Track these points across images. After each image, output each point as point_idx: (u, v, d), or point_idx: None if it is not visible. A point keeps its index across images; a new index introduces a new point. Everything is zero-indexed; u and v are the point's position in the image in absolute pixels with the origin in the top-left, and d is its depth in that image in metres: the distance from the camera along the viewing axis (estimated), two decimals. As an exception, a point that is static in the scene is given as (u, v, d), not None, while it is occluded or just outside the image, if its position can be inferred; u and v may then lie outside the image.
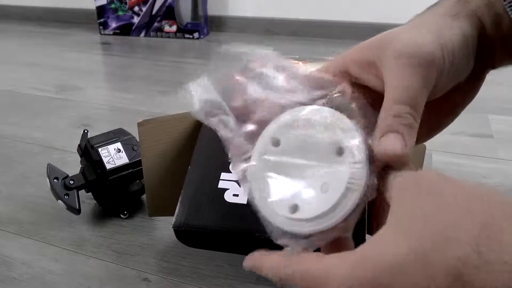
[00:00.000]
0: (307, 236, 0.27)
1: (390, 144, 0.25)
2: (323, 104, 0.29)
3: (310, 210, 0.26)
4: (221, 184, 0.48)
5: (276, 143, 0.29)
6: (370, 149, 0.27)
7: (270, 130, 0.29)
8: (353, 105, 0.28)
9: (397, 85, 0.27)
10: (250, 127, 0.30)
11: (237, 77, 0.32)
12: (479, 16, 0.31)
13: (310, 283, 0.25)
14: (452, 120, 0.36)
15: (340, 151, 0.26)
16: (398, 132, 0.26)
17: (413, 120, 0.26)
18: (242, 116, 0.30)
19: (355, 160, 0.26)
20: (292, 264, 0.26)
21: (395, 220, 0.23)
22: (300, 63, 0.31)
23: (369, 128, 0.27)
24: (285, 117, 0.29)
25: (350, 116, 0.27)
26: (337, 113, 0.28)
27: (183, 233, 0.48)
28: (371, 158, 0.26)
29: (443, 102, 0.33)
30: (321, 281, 0.24)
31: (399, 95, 0.27)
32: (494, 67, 0.34)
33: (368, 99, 0.30)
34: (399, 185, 0.25)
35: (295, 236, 0.27)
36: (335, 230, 0.26)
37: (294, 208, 0.27)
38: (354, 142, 0.26)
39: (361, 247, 0.23)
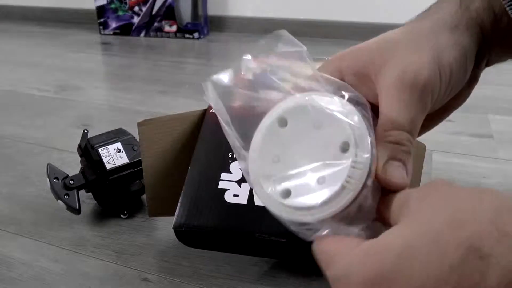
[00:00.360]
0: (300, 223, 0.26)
1: (394, 175, 0.26)
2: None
3: (301, 199, 0.26)
4: (221, 185, 0.48)
5: (283, 123, 0.28)
6: (374, 151, 0.26)
7: (279, 109, 0.28)
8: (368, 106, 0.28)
9: (395, 110, 0.27)
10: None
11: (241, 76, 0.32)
12: (479, 23, 0.31)
13: (323, 262, 0.25)
14: (443, 119, 0.36)
15: (344, 147, 0.26)
16: (401, 160, 0.26)
17: (411, 146, 0.27)
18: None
19: (357, 160, 0.25)
20: (318, 241, 0.26)
21: (404, 221, 0.23)
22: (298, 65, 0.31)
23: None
24: (296, 99, 0.28)
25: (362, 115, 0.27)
26: (351, 107, 0.27)
27: (184, 234, 0.48)
28: (373, 159, 0.26)
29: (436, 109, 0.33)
30: (328, 261, 0.24)
31: (398, 120, 0.27)
32: (489, 65, 0.34)
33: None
34: (405, 198, 0.25)
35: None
36: (322, 225, 0.26)
37: (286, 193, 0.26)
38: (361, 141, 0.26)
39: (370, 240, 0.23)
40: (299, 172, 0.26)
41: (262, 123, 0.29)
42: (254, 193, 0.29)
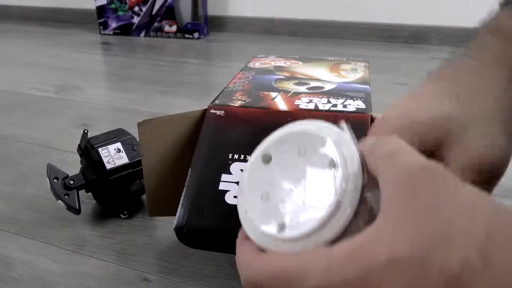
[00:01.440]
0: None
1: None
2: None
3: (297, 227, 0.24)
4: (222, 186, 0.48)
5: (267, 159, 0.27)
6: (363, 161, 0.25)
7: (261, 145, 0.28)
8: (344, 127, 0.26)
9: None
10: None
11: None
12: None
13: (281, 283, 0.23)
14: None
15: (332, 164, 0.24)
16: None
17: None
18: None
19: (348, 172, 0.24)
20: (264, 261, 0.24)
21: (392, 211, 0.21)
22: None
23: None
24: (277, 132, 0.27)
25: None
26: (331, 125, 0.26)
27: (185, 235, 0.48)
28: (365, 169, 0.24)
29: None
30: (294, 279, 0.22)
31: None
32: None
33: None
34: (396, 168, 0.22)
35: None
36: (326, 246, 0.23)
37: (281, 227, 0.25)
38: (349, 155, 0.24)
39: (348, 240, 0.22)
40: (291, 203, 0.25)
41: (247, 163, 0.28)
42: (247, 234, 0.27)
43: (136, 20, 1.88)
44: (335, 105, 0.51)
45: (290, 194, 0.25)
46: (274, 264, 0.24)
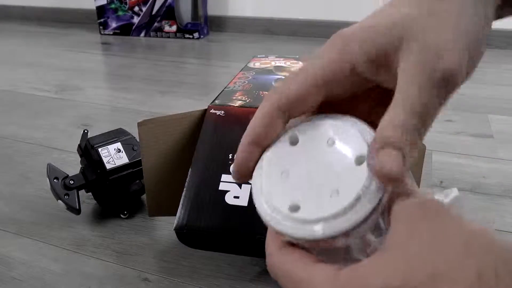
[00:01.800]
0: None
1: (388, 162, 0.23)
2: None
3: (310, 212, 0.24)
4: (222, 186, 0.48)
5: (294, 141, 0.26)
6: None
7: (290, 127, 0.27)
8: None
9: (413, 96, 0.24)
10: None
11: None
12: None
13: (289, 283, 0.24)
14: None
15: (360, 160, 0.24)
16: (400, 149, 0.23)
17: (419, 138, 0.24)
18: None
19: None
20: (280, 257, 0.25)
21: (392, 244, 0.22)
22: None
23: None
24: (310, 117, 0.27)
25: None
26: (364, 125, 0.26)
27: (185, 235, 0.48)
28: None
29: None
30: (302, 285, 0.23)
31: (414, 107, 0.24)
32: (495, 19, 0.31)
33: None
34: (401, 207, 0.23)
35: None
36: (338, 239, 0.23)
37: (295, 208, 0.24)
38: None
39: (353, 266, 0.22)
40: (310, 186, 0.25)
41: (273, 142, 0.27)
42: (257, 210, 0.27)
43: (136, 20, 1.88)
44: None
45: (312, 178, 0.25)
46: (287, 267, 0.24)
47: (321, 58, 0.27)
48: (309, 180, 0.25)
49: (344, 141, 0.25)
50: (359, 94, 0.28)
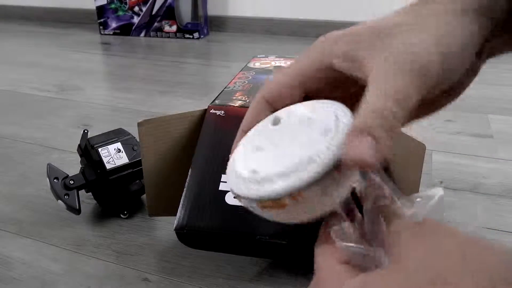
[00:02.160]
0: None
1: (360, 149, 0.23)
2: None
3: (264, 171, 0.25)
4: (222, 186, 0.48)
5: (277, 121, 0.28)
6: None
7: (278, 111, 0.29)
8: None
9: (384, 82, 0.25)
10: None
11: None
12: (492, 9, 0.28)
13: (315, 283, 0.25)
14: (435, 111, 0.32)
15: (325, 133, 0.25)
16: (375, 137, 0.23)
17: (396, 122, 0.24)
18: None
19: (333, 143, 0.24)
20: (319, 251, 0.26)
21: (398, 260, 0.23)
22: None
23: None
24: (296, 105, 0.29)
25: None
26: (342, 106, 0.27)
27: (185, 235, 0.48)
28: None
29: (427, 103, 0.30)
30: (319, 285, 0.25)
31: (387, 92, 0.24)
32: (490, 57, 0.32)
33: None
34: (404, 225, 0.24)
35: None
36: (283, 199, 0.25)
37: (254, 171, 0.26)
38: (344, 129, 0.25)
39: (367, 274, 0.23)
40: (274, 155, 0.26)
41: (258, 123, 0.30)
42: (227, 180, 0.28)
43: (136, 20, 1.88)
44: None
45: (279, 150, 0.26)
46: (319, 266, 0.26)
47: (307, 57, 0.29)
48: (275, 151, 0.26)
49: (318, 117, 0.27)
50: (340, 87, 0.30)
